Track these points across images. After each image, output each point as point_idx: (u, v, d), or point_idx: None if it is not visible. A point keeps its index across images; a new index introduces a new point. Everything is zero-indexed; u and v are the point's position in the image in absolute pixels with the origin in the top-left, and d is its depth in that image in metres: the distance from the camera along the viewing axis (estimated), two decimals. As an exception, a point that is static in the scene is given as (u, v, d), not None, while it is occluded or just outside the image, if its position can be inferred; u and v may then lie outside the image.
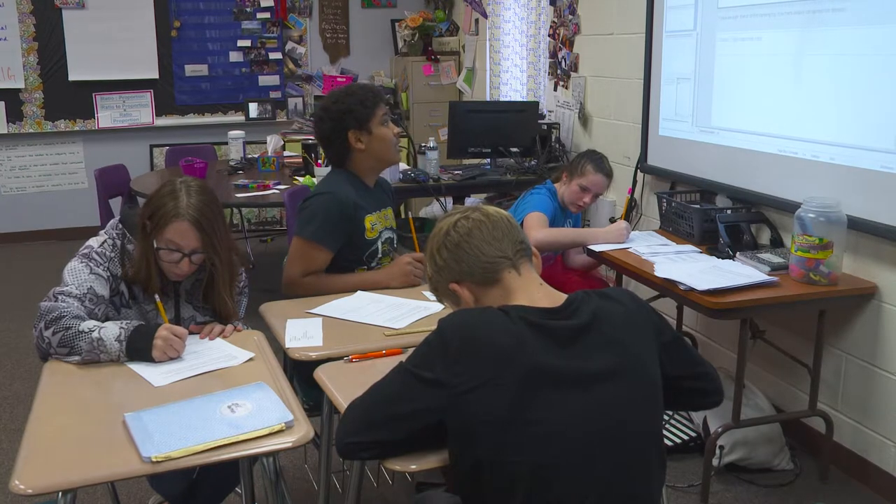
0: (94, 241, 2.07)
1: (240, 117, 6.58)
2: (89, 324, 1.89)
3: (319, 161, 4.37)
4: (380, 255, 2.64)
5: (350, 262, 2.57)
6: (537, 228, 3.21)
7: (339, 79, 6.70)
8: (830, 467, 2.85)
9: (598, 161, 3.42)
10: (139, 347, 1.88)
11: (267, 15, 6.54)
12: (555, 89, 4.90)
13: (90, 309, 1.96)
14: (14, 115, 6.10)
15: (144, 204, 2.06)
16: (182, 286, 2.14)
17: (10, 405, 3.46)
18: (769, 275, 2.68)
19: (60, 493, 1.48)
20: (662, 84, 3.69)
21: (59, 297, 1.94)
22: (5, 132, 6.11)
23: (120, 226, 2.10)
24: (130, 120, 6.38)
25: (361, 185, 2.62)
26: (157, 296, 2.02)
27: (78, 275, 1.99)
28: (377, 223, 2.62)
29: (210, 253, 2.03)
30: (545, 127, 4.69)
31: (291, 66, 6.73)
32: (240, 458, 1.55)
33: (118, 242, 2.08)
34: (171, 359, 1.90)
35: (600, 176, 3.39)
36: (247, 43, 6.54)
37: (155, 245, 1.99)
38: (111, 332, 1.88)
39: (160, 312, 2.01)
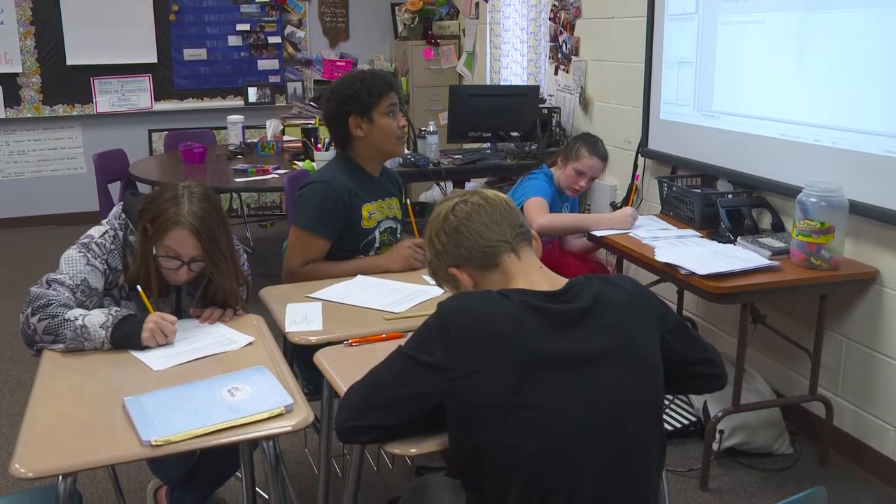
0: (95, 231, 2.05)
1: (239, 102, 6.55)
2: (75, 312, 1.87)
3: (319, 145, 4.35)
4: (377, 245, 2.62)
5: (346, 251, 2.56)
6: (540, 213, 3.20)
7: (338, 63, 6.67)
8: (830, 452, 2.86)
9: (593, 144, 3.40)
10: (127, 333, 1.86)
11: (266, -2, 6.51)
12: (555, 73, 4.87)
13: (81, 301, 1.94)
14: (12, 99, 6.08)
15: (147, 204, 2.00)
16: None
17: (11, 390, 3.46)
18: (770, 259, 2.67)
19: (61, 477, 1.48)
20: (664, 68, 3.67)
21: (52, 285, 1.92)
22: (3, 117, 6.08)
23: (123, 215, 2.07)
24: (129, 104, 6.36)
25: (362, 173, 2.60)
26: (139, 286, 1.98)
27: (74, 264, 1.97)
28: (376, 212, 2.60)
29: (209, 262, 1.99)
30: (546, 111, 4.67)
31: (291, 50, 6.70)
32: (240, 442, 1.55)
33: (120, 234, 2.05)
34: (160, 344, 1.89)
35: (595, 159, 3.38)
36: (246, 27, 6.51)
37: (154, 252, 1.97)
38: (96, 319, 1.86)
39: (145, 304, 1.98)
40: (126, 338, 1.87)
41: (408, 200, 2.76)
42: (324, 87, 6.57)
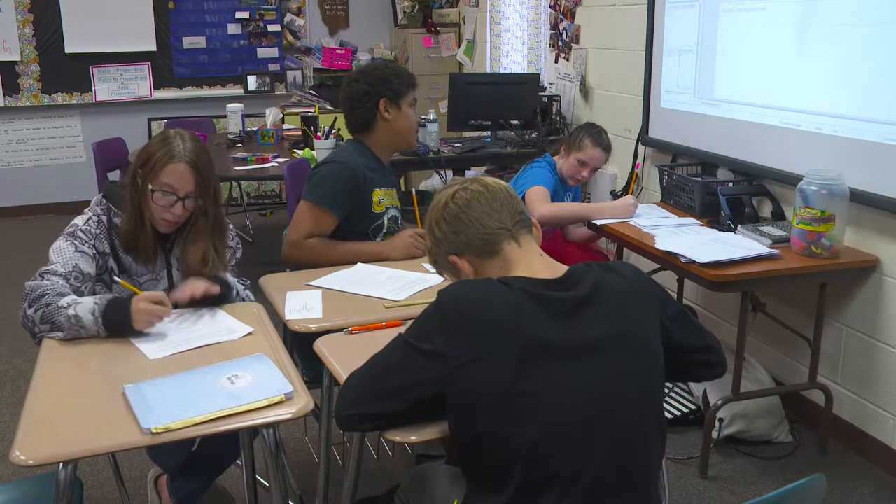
0: (79, 220, 2.06)
1: (238, 90, 6.53)
2: (67, 299, 1.87)
3: (318, 133, 4.34)
4: (385, 231, 2.65)
5: (355, 234, 2.57)
6: (542, 203, 3.20)
7: (338, 51, 6.65)
8: (829, 440, 2.87)
9: (597, 135, 3.39)
10: (118, 322, 1.86)
11: (265, -14, 6.48)
12: (556, 61, 4.85)
13: (76, 287, 1.95)
14: (10, 87, 6.05)
15: (136, 157, 2.05)
16: (172, 254, 2.13)
17: (11, 378, 3.47)
18: (770, 247, 2.67)
19: (61, 465, 1.48)
20: (664, 56, 3.66)
21: (45, 276, 1.93)
22: (2, 105, 6.06)
23: (104, 201, 2.09)
24: (128, 93, 6.34)
25: (375, 159, 2.64)
26: (117, 278, 2.02)
27: (63, 253, 1.98)
28: (384, 198, 2.64)
29: (204, 197, 2.04)
30: (546, 99, 4.66)
31: (290, 38, 6.67)
32: (239, 429, 1.55)
33: (103, 218, 2.06)
34: (155, 323, 1.89)
35: (598, 150, 3.37)
36: (245, 15, 6.48)
37: (150, 188, 1.99)
38: (86, 307, 1.86)
39: (130, 289, 1.98)
40: (119, 327, 1.86)
41: (413, 189, 2.77)
42: (323, 76, 6.56)
